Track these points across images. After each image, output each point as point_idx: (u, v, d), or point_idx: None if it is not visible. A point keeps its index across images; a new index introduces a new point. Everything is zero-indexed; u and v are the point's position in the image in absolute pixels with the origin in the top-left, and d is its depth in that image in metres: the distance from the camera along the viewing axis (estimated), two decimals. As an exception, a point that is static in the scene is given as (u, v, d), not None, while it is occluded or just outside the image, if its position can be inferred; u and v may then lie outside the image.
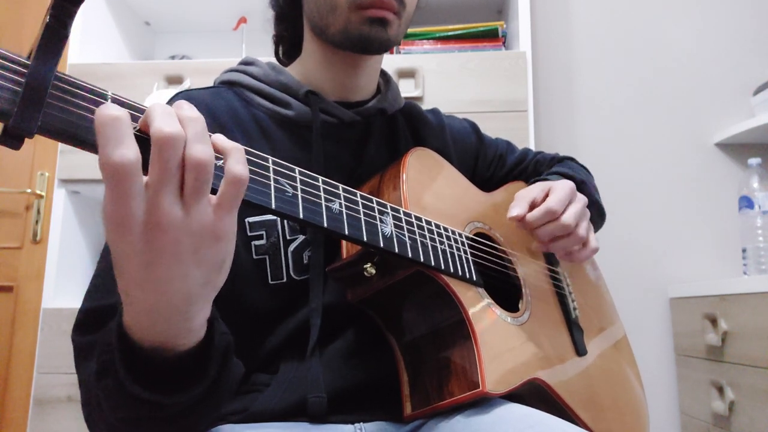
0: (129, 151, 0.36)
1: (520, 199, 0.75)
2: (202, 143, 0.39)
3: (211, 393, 0.50)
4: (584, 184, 0.88)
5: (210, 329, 0.48)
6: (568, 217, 0.73)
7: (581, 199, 0.77)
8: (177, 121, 0.38)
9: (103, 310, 0.57)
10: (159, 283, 0.40)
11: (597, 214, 0.90)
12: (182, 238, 0.39)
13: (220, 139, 0.43)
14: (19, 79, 0.35)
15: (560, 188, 0.76)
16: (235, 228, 0.42)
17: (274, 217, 0.69)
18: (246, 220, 0.69)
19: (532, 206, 0.74)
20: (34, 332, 1.70)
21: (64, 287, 1.57)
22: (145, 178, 0.38)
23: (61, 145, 1.57)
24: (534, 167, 0.98)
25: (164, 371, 0.46)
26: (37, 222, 1.89)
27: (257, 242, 0.69)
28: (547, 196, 0.75)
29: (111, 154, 0.35)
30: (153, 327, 0.43)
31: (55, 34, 0.35)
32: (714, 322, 1.46)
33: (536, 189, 0.77)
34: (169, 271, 0.39)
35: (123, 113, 0.36)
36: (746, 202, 1.61)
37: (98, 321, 0.56)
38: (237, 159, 0.41)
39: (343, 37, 0.73)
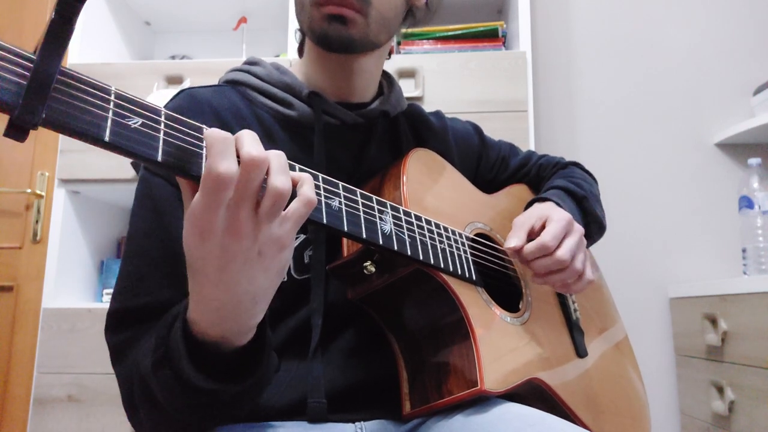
0: (234, 165, 0.42)
1: (518, 228, 0.74)
2: (284, 175, 0.45)
3: (259, 381, 0.55)
4: (586, 200, 0.87)
5: (262, 326, 0.53)
6: (563, 253, 0.71)
7: (578, 231, 0.75)
8: (263, 148, 0.43)
9: (132, 310, 0.62)
10: (230, 284, 0.46)
11: (596, 229, 0.90)
12: (252, 247, 0.45)
13: (294, 173, 0.48)
14: (25, 72, 0.36)
15: (557, 220, 0.73)
16: (294, 238, 0.48)
17: None
18: None
19: (530, 235, 0.73)
20: (34, 332, 1.70)
21: (64, 287, 1.57)
22: None
23: (61, 145, 1.57)
24: (537, 171, 0.97)
25: (222, 362, 0.52)
26: (37, 222, 1.89)
27: None
28: (543, 226, 0.74)
29: (219, 165, 0.41)
30: (221, 323, 0.49)
31: (59, 29, 0.36)
32: (714, 322, 1.46)
33: (533, 217, 0.75)
34: (239, 274, 0.46)
35: (229, 135, 0.43)
36: (746, 202, 1.61)
37: (129, 320, 0.62)
38: (311, 186, 0.47)
39: (311, 35, 0.74)
